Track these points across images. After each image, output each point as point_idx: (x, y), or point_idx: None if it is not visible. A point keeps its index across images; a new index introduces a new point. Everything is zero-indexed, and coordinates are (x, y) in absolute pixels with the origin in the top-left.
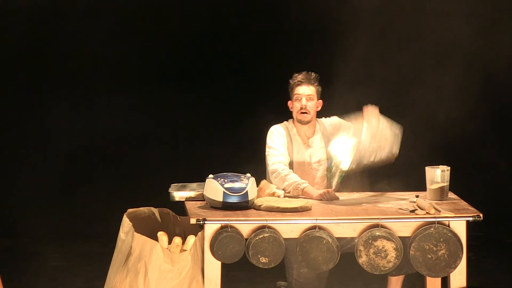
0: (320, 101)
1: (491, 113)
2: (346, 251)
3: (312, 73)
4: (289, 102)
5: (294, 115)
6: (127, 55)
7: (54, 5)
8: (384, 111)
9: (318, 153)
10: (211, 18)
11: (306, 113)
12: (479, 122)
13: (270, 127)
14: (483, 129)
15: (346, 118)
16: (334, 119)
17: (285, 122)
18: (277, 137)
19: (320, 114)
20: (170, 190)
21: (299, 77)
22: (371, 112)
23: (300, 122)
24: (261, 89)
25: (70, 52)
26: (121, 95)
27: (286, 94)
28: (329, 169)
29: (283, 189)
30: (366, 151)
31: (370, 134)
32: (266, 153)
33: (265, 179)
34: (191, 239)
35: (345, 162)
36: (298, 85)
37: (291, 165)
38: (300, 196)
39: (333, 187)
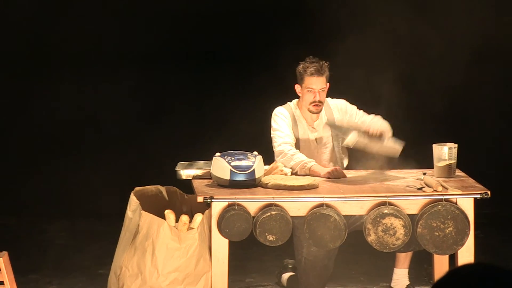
0: (328, 84)
1: (502, 89)
2: (354, 229)
3: (324, 62)
4: (296, 86)
5: (305, 104)
6: (135, 34)
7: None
8: (392, 82)
9: (324, 136)
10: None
11: (318, 105)
12: (488, 98)
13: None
14: (491, 106)
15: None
16: (341, 103)
17: (288, 103)
18: (281, 118)
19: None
20: (177, 168)
21: (311, 68)
22: (374, 132)
23: (312, 112)
24: (270, 69)
25: (73, 33)
26: (128, 74)
27: (292, 77)
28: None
29: (290, 169)
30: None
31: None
32: (272, 135)
33: (275, 160)
34: (198, 217)
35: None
36: (310, 76)
37: (297, 146)
38: (307, 175)
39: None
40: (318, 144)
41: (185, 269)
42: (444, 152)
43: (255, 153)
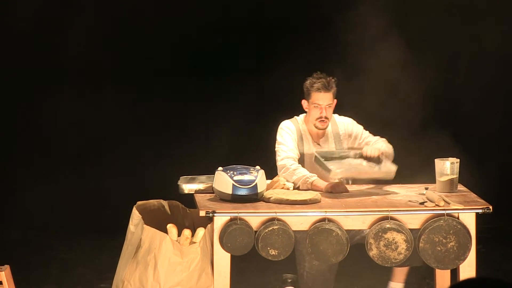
0: (335, 100)
1: (504, 104)
2: (356, 242)
3: (331, 78)
4: (303, 101)
5: (311, 120)
6: (140, 47)
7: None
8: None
9: None
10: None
11: (325, 121)
12: (491, 113)
13: (280, 122)
14: (493, 121)
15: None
16: (348, 122)
17: (295, 117)
18: (287, 132)
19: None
20: (179, 182)
21: (318, 84)
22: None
23: (318, 128)
24: (275, 84)
25: (77, 46)
26: (132, 88)
27: (299, 91)
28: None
29: (293, 183)
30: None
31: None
32: (276, 148)
33: (277, 174)
34: (200, 231)
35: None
36: (317, 91)
37: (301, 161)
38: (309, 189)
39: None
40: None
41: (187, 283)
42: (446, 167)
43: (258, 167)
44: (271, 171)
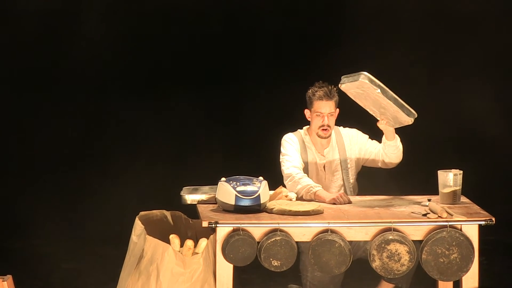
0: (338, 109)
1: (507, 115)
2: (358, 257)
3: (332, 87)
4: (306, 111)
5: (314, 128)
6: (144, 57)
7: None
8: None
9: (332, 164)
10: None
11: (327, 130)
12: (495, 125)
13: (284, 134)
14: (497, 132)
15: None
16: (353, 133)
17: (299, 130)
18: (290, 144)
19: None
20: (182, 193)
21: (320, 92)
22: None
23: (321, 137)
24: (279, 95)
25: (78, 53)
26: (134, 98)
27: (301, 101)
28: None
29: (296, 193)
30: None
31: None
32: (280, 160)
33: (281, 184)
34: (203, 242)
35: None
36: (319, 100)
37: (305, 170)
38: (312, 199)
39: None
40: (326, 171)
41: None
42: (449, 179)
43: (261, 178)
44: (274, 182)
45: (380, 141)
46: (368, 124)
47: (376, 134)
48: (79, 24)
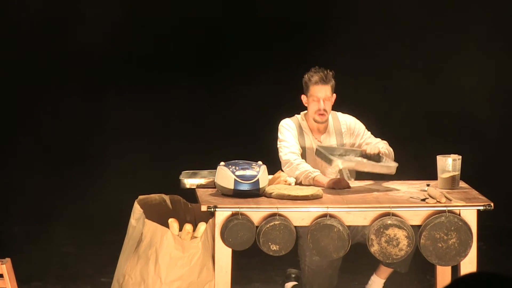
0: (334, 94)
1: (507, 101)
2: (357, 242)
3: (328, 72)
4: (302, 96)
5: (310, 113)
6: (145, 42)
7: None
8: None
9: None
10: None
11: (323, 114)
12: (494, 110)
13: (281, 120)
14: (496, 117)
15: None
16: (350, 120)
17: (296, 115)
18: (286, 129)
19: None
20: (181, 177)
21: (316, 77)
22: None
23: (317, 122)
24: (277, 81)
25: (80, 42)
26: (133, 84)
27: (299, 86)
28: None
29: (295, 178)
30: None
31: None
32: (278, 145)
33: (280, 169)
34: (202, 226)
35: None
36: (315, 84)
37: (303, 155)
38: (311, 184)
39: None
40: None
41: (188, 278)
42: (448, 164)
43: (260, 162)
44: (273, 167)
45: (376, 136)
46: (365, 115)
47: (371, 125)
48: (74, 24)
